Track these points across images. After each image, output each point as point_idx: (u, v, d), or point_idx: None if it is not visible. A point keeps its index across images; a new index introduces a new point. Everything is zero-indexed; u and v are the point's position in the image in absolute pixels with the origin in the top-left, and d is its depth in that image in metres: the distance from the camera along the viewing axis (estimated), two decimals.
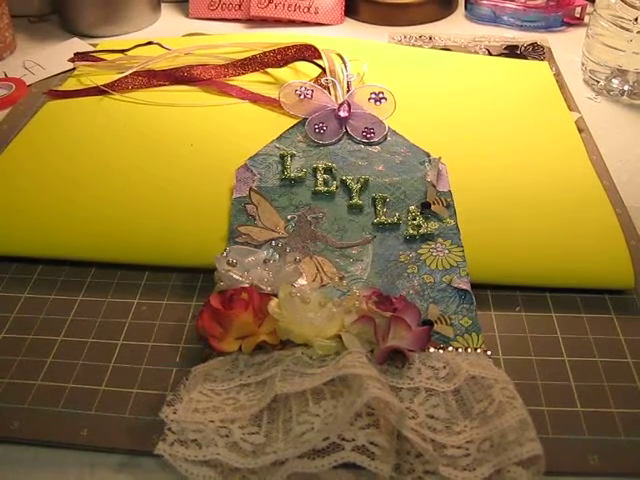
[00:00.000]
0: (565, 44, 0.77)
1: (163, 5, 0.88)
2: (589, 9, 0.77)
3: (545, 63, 0.70)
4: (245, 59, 0.68)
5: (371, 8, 0.83)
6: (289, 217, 0.49)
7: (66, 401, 0.38)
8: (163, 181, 0.53)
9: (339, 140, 0.56)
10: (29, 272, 0.47)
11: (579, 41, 0.71)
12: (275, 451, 0.33)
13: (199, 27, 0.83)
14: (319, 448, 0.33)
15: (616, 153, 0.58)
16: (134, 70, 0.66)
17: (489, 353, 0.40)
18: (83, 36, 0.79)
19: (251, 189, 0.51)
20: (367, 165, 0.53)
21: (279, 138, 0.56)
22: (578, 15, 0.81)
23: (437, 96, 0.64)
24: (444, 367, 0.38)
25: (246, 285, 0.41)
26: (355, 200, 0.50)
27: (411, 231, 0.47)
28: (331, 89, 0.60)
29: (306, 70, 0.66)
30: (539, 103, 0.62)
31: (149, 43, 0.72)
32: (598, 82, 0.68)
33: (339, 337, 0.39)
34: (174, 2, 0.90)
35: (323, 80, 0.61)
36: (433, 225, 0.47)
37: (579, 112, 0.63)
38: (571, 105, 0.63)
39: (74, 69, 0.70)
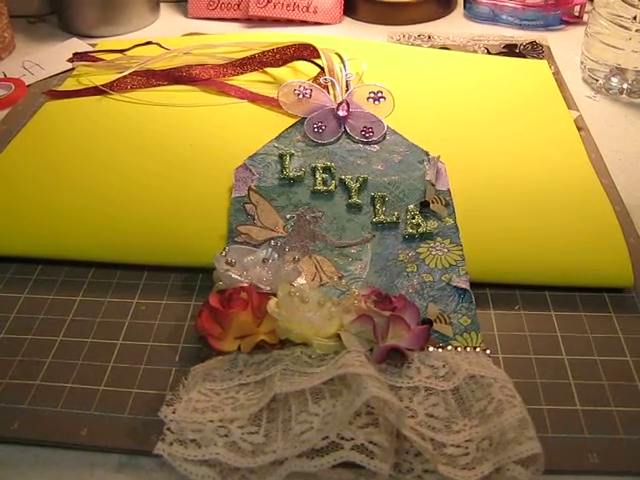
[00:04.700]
0: (564, 43, 0.77)
1: (162, 5, 0.88)
2: (588, 7, 0.77)
3: (544, 62, 0.70)
4: (244, 59, 0.68)
5: (370, 7, 0.83)
6: (288, 216, 0.49)
7: (65, 401, 0.38)
8: (162, 181, 0.53)
9: (338, 139, 0.56)
10: (28, 272, 0.47)
11: (578, 40, 0.71)
12: (274, 450, 0.33)
13: (198, 27, 0.83)
14: (318, 447, 0.33)
15: (615, 151, 0.58)
16: (133, 70, 0.66)
17: (488, 352, 0.40)
18: (82, 36, 0.79)
19: (250, 188, 0.51)
20: (366, 164, 0.53)
21: (278, 137, 0.56)
22: (577, 14, 0.81)
23: (436, 95, 0.64)
24: (443, 366, 0.38)
25: (245, 284, 0.41)
26: (354, 199, 0.50)
27: (410, 230, 0.47)
28: (330, 88, 0.60)
29: (305, 69, 0.66)
30: (538, 102, 0.62)
31: (148, 43, 0.72)
32: (597, 80, 0.68)
33: (338, 336, 0.39)
34: (173, 2, 0.90)
35: (322, 79, 0.61)
36: (432, 224, 0.47)
37: (578, 110, 0.63)
38: (570, 103, 0.63)
39: (73, 69, 0.70)
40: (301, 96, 0.59)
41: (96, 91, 0.65)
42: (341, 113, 0.57)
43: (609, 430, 0.36)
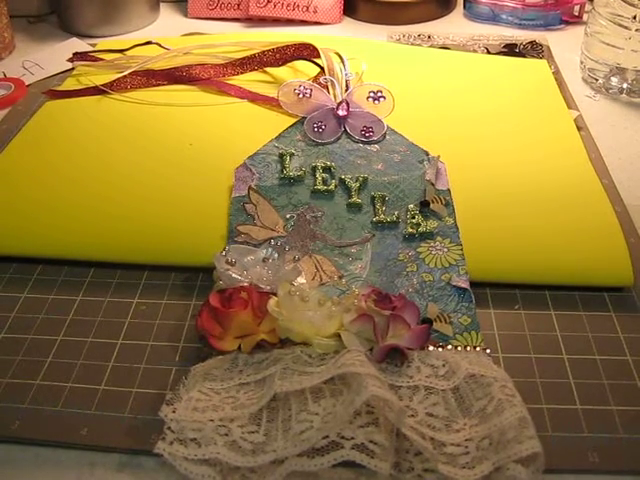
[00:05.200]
0: (564, 42, 0.77)
1: (162, 5, 0.88)
2: (588, 7, 0.77)
3: (544, 61, 0.70)
4: (244, 58, 0.68)
5: (370, 7, 0.83)
6: (288, 216, 0.49)
7: (66, 401, 0.38)
8: (162, 181, 0.53)
9: (338, 139, 0.56)
10: (29, 272, 0.47)
11: (578, 39, 0.71)
12: (274, 450, 0.33)
13: (198, 27, 0.83)
14: (318, 446, 0.33)
15: (615, 151, 0.58)
16: (133, 70, 0.66)
17: (488, 351, 0.40)
18: (82, 36, 0.79)
19: (250, 188, 0.51)
20: (366, 164, 0.53)
21: (278, 137, 0.56)
22: (577, 13, 0.81)
23: (436, 95, 0.64)
24: (443, 365, 0.38)
25: (245, 284, 0.41)
26: (354, 199, 0.50)
27: (410, 230, 0.47)
28: (330, 88, 0.60)
29: (305, 69, 0.66)
30: (538, 101, 0.62)
31: (148, 43, 0.72)
32: (597, 80, 0.68)
33: (338, 336, 0.39)
34: (173, 2, 0.90)
35: (322, 79, 0.61)
36: (432, 223, 0.47)
37: (578, 110, 0.63)
38: (570, 103, 0.63)
39: (73, 69, 0.70)
40: (301, 96, 0.59)
41: (96, 91, 0.65)
42: (341, 113, 0.57)
43: (609, 429, 0.36)
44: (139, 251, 0.47)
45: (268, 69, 0.68)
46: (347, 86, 0.60)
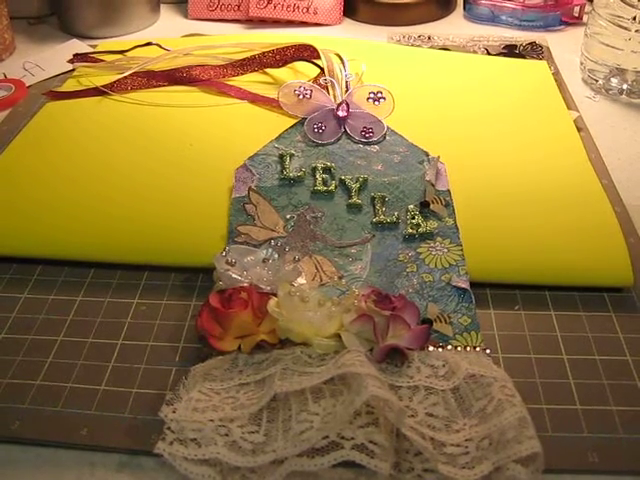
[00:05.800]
0: (564, 43, 0.77)
1: (162, 6, 0.88)
2: (588, 8, 0.77)
3: (544, 62, 0.70)
4: (244, 59, 0.68)
5: (370, 8, 0.83)
6: (288, 216, 0.49)
7: (66, 401, 0.38)
8: (162, 181, 0.53)
9: (338, 140, 0.56)
10: (29, 272, 0.47)
11: (578, 40, 0.71)
12: (274, 450, 0.33)
13: (198, 28, 0.83)
14: (318, 447, 0.33)
15: (615, 151, 0.58)
16: (133, 71, 0.66)
17: (488, 351, 0.40)
18: (82, 37, 0.80)
19: (250, 189, 0.51)
20: (366, 164, 0.53)
21: (278, 138, 0.56)
22: (577, 14, 0.81)
23: (436, 95, 0.64)
24: (443, 365, 0.38)
25: (245, 284, 0.42)
26: (354, 199, 0.50)
27: (410, 230, 0.47)
28: (330, 89, 0.60)
29: (305, 70, 0.66)
30: (538, 102, 0.62)
31: (148, 44, 0.72)
32: (597, 81, 0.68)
33: (338, 336, 0.39)
34: (173, 3, 0.90)
35: (322, 80, 0.61)
36: (432, 224, 0.48)
37: (578, 111, 0.63)
38: (570, 104, 0.63)
39: (73, 70, 0.70)
40: (301, 97, 0.59)
41: (96, 92, 0.65)
42: (341, 114, 0.57)
43: (609, 429, 0.36)
44: (139, 251, 0.47)
45: (268, 70, 0.68)
46: (347, 87, 0.60)
